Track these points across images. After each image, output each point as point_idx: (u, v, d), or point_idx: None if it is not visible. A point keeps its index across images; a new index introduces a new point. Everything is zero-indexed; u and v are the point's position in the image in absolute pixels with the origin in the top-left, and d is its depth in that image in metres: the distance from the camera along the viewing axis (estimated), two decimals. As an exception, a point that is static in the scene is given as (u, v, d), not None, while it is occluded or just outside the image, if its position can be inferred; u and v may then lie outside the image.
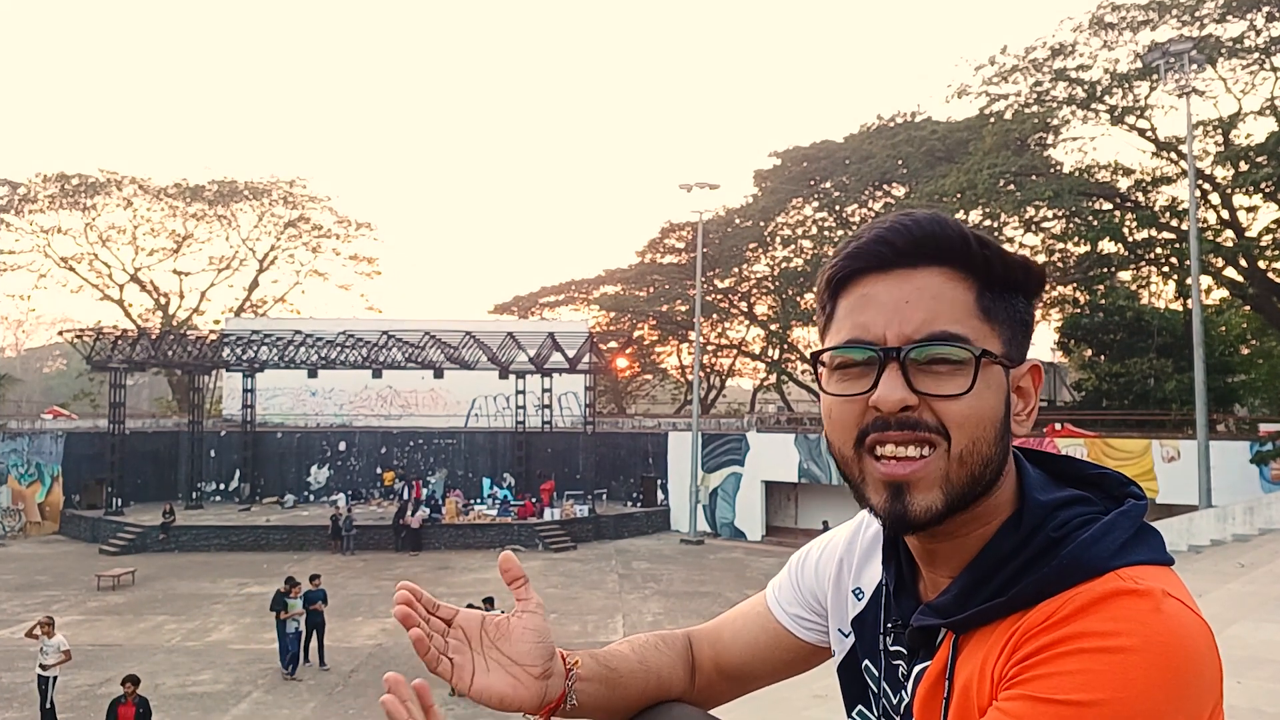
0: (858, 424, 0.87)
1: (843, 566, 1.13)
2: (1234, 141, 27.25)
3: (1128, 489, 0.91)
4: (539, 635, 1.02)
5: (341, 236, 52.91)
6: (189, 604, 21.29)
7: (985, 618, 0.85)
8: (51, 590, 22.81)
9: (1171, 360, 31.29)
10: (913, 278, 0.86)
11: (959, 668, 0.86)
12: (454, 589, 22.20)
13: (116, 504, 32.28)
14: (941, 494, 0.85)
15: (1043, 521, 0.87)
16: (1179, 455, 24.32)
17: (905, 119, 40.57)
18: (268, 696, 14.68)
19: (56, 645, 13.32)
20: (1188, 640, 0.75)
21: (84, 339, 34.33)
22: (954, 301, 0.86)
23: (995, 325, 0.87)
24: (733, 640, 1.23)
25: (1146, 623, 0.75)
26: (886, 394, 0.84)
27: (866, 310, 0.87)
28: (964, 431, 0.84)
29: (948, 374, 0.84)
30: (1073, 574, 0.80)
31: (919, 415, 0.84)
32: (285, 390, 39.41)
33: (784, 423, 39.03)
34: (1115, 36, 28.73)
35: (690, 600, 21.84)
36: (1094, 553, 0.81)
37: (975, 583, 0.88)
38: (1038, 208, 29.20)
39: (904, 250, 0.86)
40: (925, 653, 0.93)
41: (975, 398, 0.84)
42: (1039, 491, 0.90)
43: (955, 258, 0.87)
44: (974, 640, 0.86)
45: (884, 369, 0.85)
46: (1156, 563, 0.82)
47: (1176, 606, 0.77)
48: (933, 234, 0.86)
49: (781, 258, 44.79)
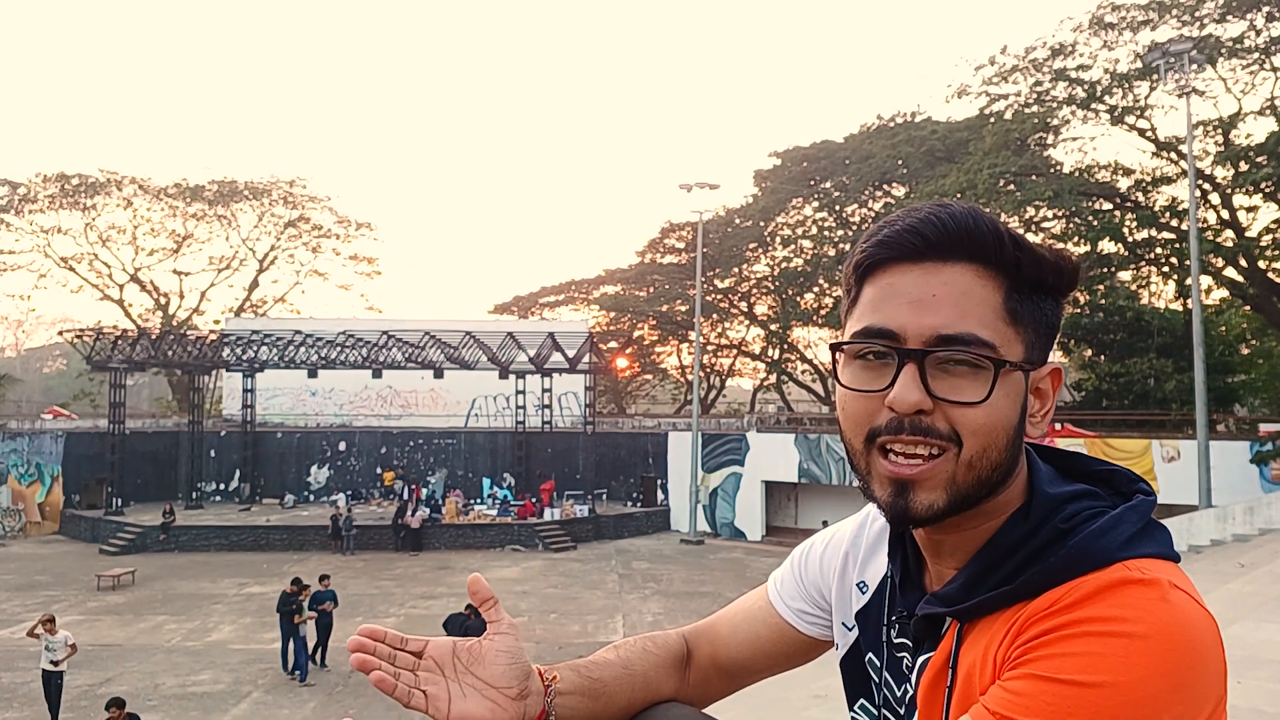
0: (870, 421, 0.86)
1: (848, 560, 1.13)
2: (1234, 141, 27.26)
3: (1136, 485, 0.91)
4: (512, 657, 1.00)
5: (341, 236, 52.99)
6: (189, 604, 21.30)
7: (990, 606, 0.85)
8: (51, 590, 22.81)
9: (1171, 360, 31.30)
10: (941, 271, 0.85)
11: (963, 656, 0.86)
12: (454, 589, 22.21)
13: (116, 504, 32.29)
14: (945, 494, 0.85)
15: (1051, 514, 0.87)
16: (1179, 455, 24.33)
17: (905, 119, 40.60)
18: (268, 696, 14.69)
19: (62, 641, 13.35)
20: (1193, 631, 0.75)
21: (84, 339, 34.35)
22: (981, 301, 0.85)
23: (1020, 328, 0.86)
24: (731, 635, 1.23)
25: (1153, 611, 0.75)
26: (902, 396, 0.83)
27: (890, 301, 0.86)
28: (977, 439, 0.84)
29: (966, 376, 0.84)
30: (1080, 563, 0.80)
31: (932, 421, 0.84)
32: (285, 390, 39.42)
33: (784, 423, 39.03)
34: (1115, 36, 28.76)
35: (690, 600, 21.84)
36: (1102, 544, 0.81)
37: (982, 572, 0.88)
38: (1038, 208, 29.20)
39: (935, 243, 0.85)
40: (929, 643, 0.93)
41: (991, 406, 0.84)
42: (1048, 485, 0.90)
43: (987, 255, 0.86)
44: (978, 629, 0.86)
45: (901, 367, 0.84)
46: (1164, 557, 0.82)
47: (1183, 598, 0.77)
48: (967, 228, 0.85)
49: (781, 258, 44.83)
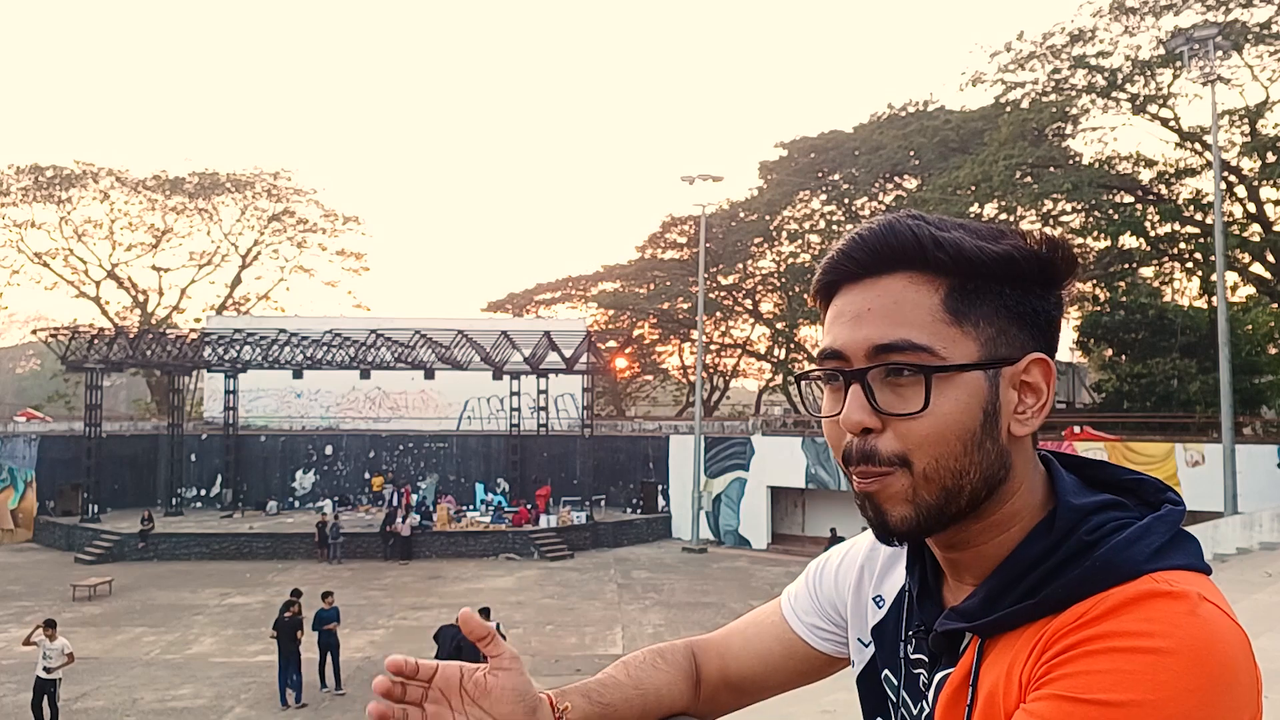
0: (839, 444, 0.91)
1: (864, 574, 1.14)
2: (1261, 131, 27.25)
3: (1165, 495, 0.91)
4: (519, 694, 1.00)
5: (328, 231, 53.05)
6: (168, 615, 21.30)
7: (1013, 621, 0.85)
8: (25, 600, 22.80)
9: (1196, 360, 31.32)
10: (875, 285, 0.89)
11: (984, 674, 0.86)
12: (445, 599, 22.22)
13: (93, 510, 32.30)
14: (911, 508, 0.87)
15: (1076, 525, 0.87)
16: (1203, 459, 24.34)
17: (918, 108, 40.65)
18: (251, 712, 14.69)
19: (60, 648, 13.40)
20: (1224, 646, 0.75)
21: (59, 338, 34.36)
22: (915, 305, 0.87)
23: (968, 326, 0.88)
24: (743, 650, 1.24)
25: (1182, 625, 0.75)
26: (848, 416, 0.87)
27: (837, 322, 0.91)
28: (924, 452, 0.86)
29: (910, 386, 0.86)
30: (1106, 576, 0.81)
31: (875, 443, 0.87)
32: (269, 391, 39.46)
33: (790, 425, 39.00)
34: (1137, 22, 28.76)
35: (693, 611, 21.85)
36: (1128, 555, 0.82)
37: (1003, 586, 0.88)
38: (1056, 201, 29.25)
39: (864, 261, 0.90)
40: (948, 659, 0.93)
41: (933, 414, 0.85)
42: (1072, 495, 0.90)
43: (912, 261, 0.88)
44: (1000, 645, 0.86)
45: (848, 389, 0.88)
46: (1193, 569, 0.82)
47: (1213, 611, 0.77)
48: (886, 240, 0.89)
49: (788, 253, 44.85)
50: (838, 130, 42.80)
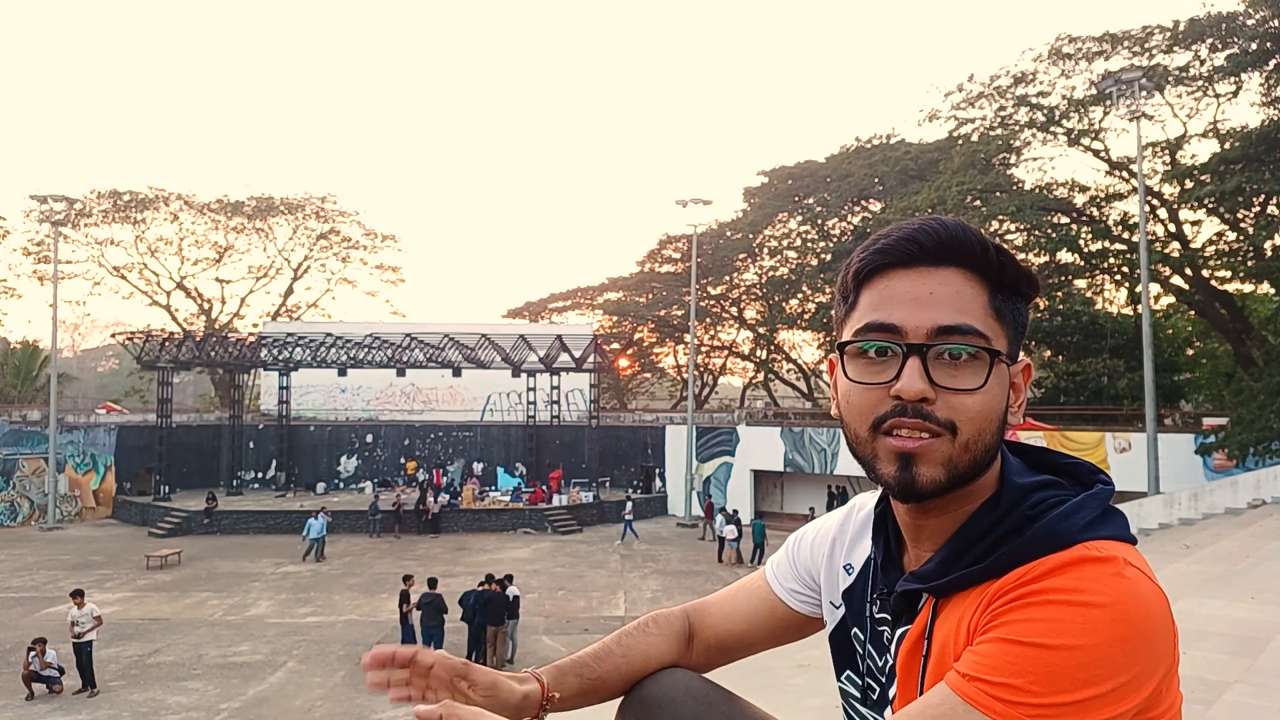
0: (875, 410, 0.87)
1: (835, 545, 1.14)
2: (1180, 161, 27.22)
3: (1097, 476, 0.92)
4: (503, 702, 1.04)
5: (369, 248, 52.90)
6: (230, 582, 21.28)
7: (964, 583, 0.86)
8: (105, 569, 22.78)
9: (1123, 360, 31.32)
10: (936, 274, 0.88)
11: (938, 628, 0.88)
12: (470, 568, 22.19)
13: (164, 491, 32.28)
14: (944, 470, 0.86)
15: (1019, 501, 0.88)
16: (1130, 447, 24.33)
17: (881, 141, 40.54)
18: (301, 666, 14.67)
19: (89, 613, 13.35)
20: (1147, 603, 0.76)
21: (134, 341, 34.31)
22: (972, 299, 0.87)
23: (1003, 325, 0.89)
24: (733, 612, 1.25)
25: (1110, 584, 0.76)
26: (908, 385, 0.85)
27: (890, 302, 0.88)
28: (973, 424, 0.86)
29: (964, 367, 0.86)
30: (1044, 544, 0.81)
31: (932, 409, 0.85)
32: (317, 388, 39.43)
33: (771, 417, 38.98)
34: (1072, 66, 28.71)
35: (685, 578, 21.83)
36: (1064, 527, 0.82)
37: (956, 552, 0.89)
38: (1001, 221, 29.13)
39: (930, 250, 0.88)
40: (907, 617, 0.94)
41: (987, 393, 0.86)
42: (1017, 476, 0.91)
43: (974, 261, 0.88)
44: (952, 604, 0.87)
45: (906, 361, 0.86)
46: (1120, 539, 0.83)
47: (1137, 574, 0.78)
48: (957, 237, 0.88)
49: (769, 267, 44.78)
50: (812, 160, 42.69)
